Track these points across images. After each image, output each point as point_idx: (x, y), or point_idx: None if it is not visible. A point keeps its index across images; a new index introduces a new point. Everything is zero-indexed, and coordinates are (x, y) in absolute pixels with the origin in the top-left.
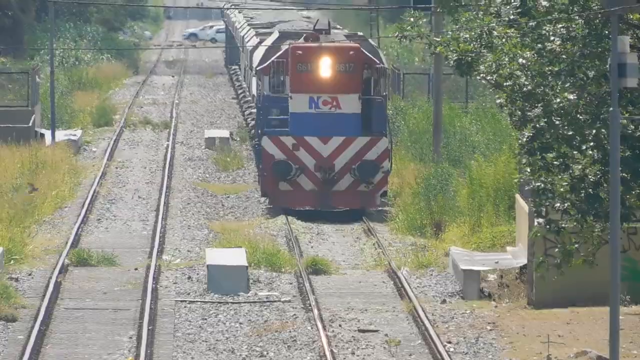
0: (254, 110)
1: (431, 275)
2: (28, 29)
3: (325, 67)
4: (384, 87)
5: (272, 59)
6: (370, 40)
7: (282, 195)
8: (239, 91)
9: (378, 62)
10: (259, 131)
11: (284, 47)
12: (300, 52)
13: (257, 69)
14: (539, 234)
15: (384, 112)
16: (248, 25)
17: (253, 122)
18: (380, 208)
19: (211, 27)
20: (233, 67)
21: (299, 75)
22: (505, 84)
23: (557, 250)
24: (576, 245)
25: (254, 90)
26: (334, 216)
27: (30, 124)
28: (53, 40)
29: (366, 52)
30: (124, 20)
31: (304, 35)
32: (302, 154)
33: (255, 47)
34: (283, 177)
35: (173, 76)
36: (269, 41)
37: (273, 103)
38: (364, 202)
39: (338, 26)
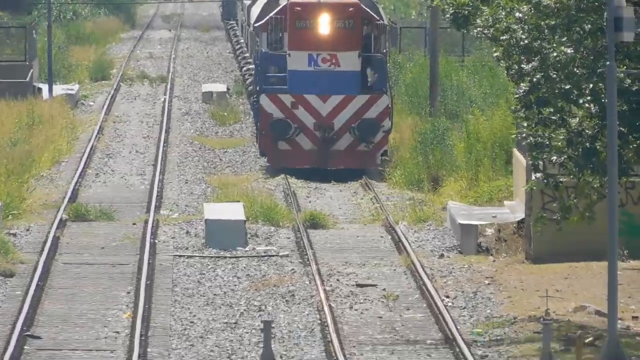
0: (252, 67)
1: (429, 229)
2: None
3: (324, 24)
4: (384, 44)
5: (270, 15)
6: None
7: (280, 154)
8: (236, 46)
9: (378, 18)
10: (257, 89)
11: (282, 3)
12: (298, 8)
13: (255, 25)
14: (535, 187)
15: (384, 70)
16: None
17: (251, 79)
18: (380, 168)
19: None
20: (230, 22)
21: (298, 32)
22: (501, 37)
23: (555, 205)
24: (575, 200)
25: (251, 47)
26: (333, 175)
27: (27, 79)
28: None
29: (366, 8)
30: None
31: None
32: (301, 112)
33: (253, 3)
34: (282, 136)
35: (170, 30)
36: None
37: (271, 60)
38: (364, 161)
39: None
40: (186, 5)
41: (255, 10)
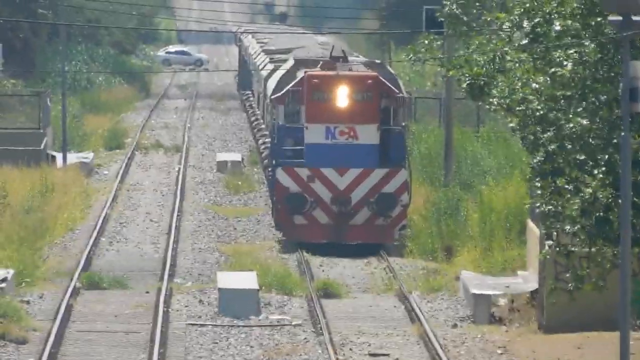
0: (268, 140)
1: (442, 299)
2: (40, 52)
3: (342, 96)
4: (403, 117)
5: (288, 87)
6: (389, 67)
7: (296, 228)
8: (252, 118)
9: (397, 90)
10: (273, 162)
11: (300, 75)
12: (316, 80)
13: (272, 97)
14: (548, 256)
15: (403, 143)
16: (262, 51)
17: (267, 152)
18: (397, 243)
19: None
20: (246, 93)
21: (315, 104)
22: (517, 108)
23: (568, 275)
24: (587, 270)
25: (267, 119)
26: (349, 250)
27: (41, 147)
28: (64, 62)
29: (384, 81)
30: (136, 43)
31: (321, 62)
32: (318, 186)
33: (270, 75)
34: (298, 210)
35: (185, 99)
36: (283, 69)
37: (288, 133)
38: (381, 236)
39: (355, 53)
40: (201, 75)
41: (272, 82)
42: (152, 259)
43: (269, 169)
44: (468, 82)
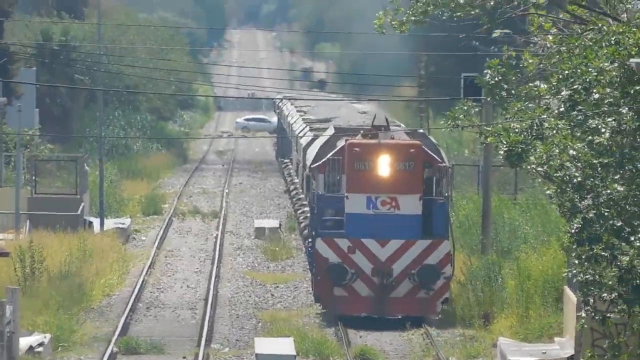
0: (307, 209)
1: None
2: (77, 117)
3: (384, 166)
4: (445, 187)
5: (328, 156)
6: (430, 137)
7: (336, 300)
8: (290, 187)
9: (440, 160)
10: (313, 232)
11: (340, 144)
12: (357, 149)
13: (312, 166)
14: (584, 324)
15: (445, 214)
16: (301, 119)
17: (306, 222)
18: (441, 317)
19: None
20: (285, 161)
21: (356, 173)
22: (555, 175)
23: (605, 346)
24: (625, 338)
25: (306, 188)
26: (390, 324)
27: (78, 212)
28: (102, 128)
29: (427, 150)
30: (174, 109)
31: (362, 131)
32: (359, 257)
33: (309, 143)
34: (338, 281)
35: (222, 165)
36: (323, 137)
37: (328, 203)
38: (423, 309)
39: (396, 121)
40: (239, 141)
41: (312, 151)
42: (189, 324)
43: (309, 240)
44: (506, 148)
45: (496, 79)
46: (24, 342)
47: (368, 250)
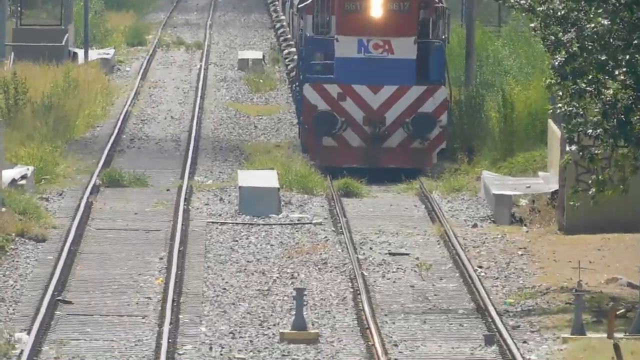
0: (294, 50)
1: (463, 199)
2: None
3: (377, 6)
4: (443, 30)
5: None
6: None
7: (325, 151)
8: (276, 24)
9: (437, 0)
10: (300, 77)
11: None
12: None
13: (299, 6)
14: (570, 161)
15: (442, 58)
16: None
17: (292, 64)
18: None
19: None
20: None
21: (347, 15)
22: (538, 8)
23: (590, 182)
24: (609, 175)
25: (294, 29)
26: (383, 175)
27: (63, 43)
28: None
29: None
30: None
31: None
32: (349, 104)
33: None
34: (327, 131)
35: None
36: None
37: (317, 46)
38: (417, 160)
39: None
40: None
41: None
42: (173, 156)
43: (296, 84)
44: None
45: None
46: (7, 174)
47: (359, 97)
